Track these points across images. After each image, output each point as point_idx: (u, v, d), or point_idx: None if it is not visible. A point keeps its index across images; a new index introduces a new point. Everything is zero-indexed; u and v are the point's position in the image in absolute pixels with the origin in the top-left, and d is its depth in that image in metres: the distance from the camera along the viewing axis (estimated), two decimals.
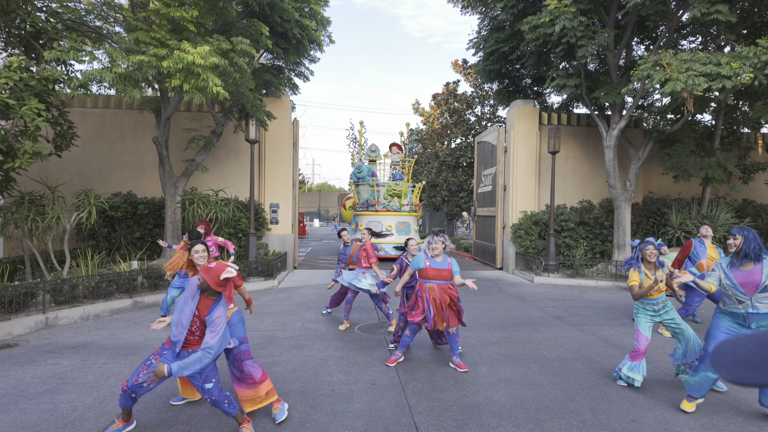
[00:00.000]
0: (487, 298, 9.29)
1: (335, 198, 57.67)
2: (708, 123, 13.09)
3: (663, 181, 14.26)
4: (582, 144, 13.89)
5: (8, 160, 7.23)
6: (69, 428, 3.65)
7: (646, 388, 4.62)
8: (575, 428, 3.75)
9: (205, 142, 10.89)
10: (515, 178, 13.46)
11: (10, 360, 5.26)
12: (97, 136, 12.29)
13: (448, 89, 23.93)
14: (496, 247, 14.10)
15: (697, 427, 3.80)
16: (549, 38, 10.79)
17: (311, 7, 10.29)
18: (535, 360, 5.47)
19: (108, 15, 9.09)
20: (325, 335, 6.43)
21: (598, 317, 7.74)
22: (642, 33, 12.55)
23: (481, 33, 13.93)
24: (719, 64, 8.87)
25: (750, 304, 3.77)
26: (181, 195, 10.58)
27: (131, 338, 6.18)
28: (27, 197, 8.39)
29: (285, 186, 13.08)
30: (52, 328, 6.68)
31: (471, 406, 4.15)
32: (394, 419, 3.87)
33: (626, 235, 11.93)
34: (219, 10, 8.66)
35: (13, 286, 6.62)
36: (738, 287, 3.80)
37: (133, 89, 7.69)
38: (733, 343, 1.01)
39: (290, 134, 13.16)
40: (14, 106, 6.89)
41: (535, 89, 14.85)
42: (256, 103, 10.03)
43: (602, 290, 10.48)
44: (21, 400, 4.16)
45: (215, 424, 3.73)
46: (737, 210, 13.38)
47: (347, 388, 4.53)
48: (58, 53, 7.29)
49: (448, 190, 23.88)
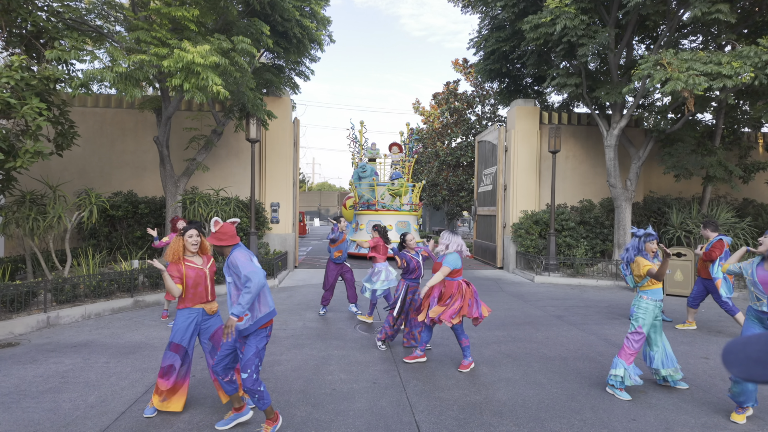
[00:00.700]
0: (488, 297, 9.30)
1: (335, 197, 57.67)
2: (708, 122, 13.09)
3: (663, 180, 14.26)
4: (582, 143, 13.89)
5: (9, 159, 7.23)
6: (71, 427, 3.66)
7: (646, 388, 4.62)
8: (576, 427, 3.76)
9: (206, 142, 10.89)
10: (516, 177, 13.46)
11: (12, 359, 5.27)
12: (98, 136, 12.30)
13: (449, 88, 23.92)
14: (496, 247, 14.11)
15: (697, 426, 3.81)
16: (550, 37, 10.79)
17: (312, 7, 10.29)
18: (535, 359, 5.48)
19: (108, 14, 9.09)
20: (326, 334, 6.44)
21: (598, 316, 7.74)
22: (643, 32, 12.54)
23: (481, 32, 13.92)
24: (720, 63, 8.86)
25: (766, 302, 3.80)
26: (182, 194, 10.59)
27: (132, 337, 6.19)
28: (28, 196, 8.40)
29: (285, 185, 13.09)
30: (53, 327, 6.70)
31: (472, 405, 4.16)
32: (396, 418, 3.88)
33: (626, 234, 11.93)
34: (220, 10, 8.66)
35: (14, 285, 6.63)
36: (758, 285, 3.83)
37: (134, 88, 7.69)
38: (744, 342, 1.05)
39: (291, 133, 13.16)
40: (15, 106, 6.90)
41: (535, 88, 14.84)
42: (256, 102, 10.04)
43: (603, 289, 10.49)
44: (23, 399, 4.17)
45: (216, 423, 3.74)
46: (738, 209, 13.38)
47: (348, 387, 4.54)
48: (59, 52, 7.29)
49: (448, 190, 23.88)
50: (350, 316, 7.52)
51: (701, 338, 6.51)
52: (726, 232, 11.39)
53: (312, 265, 14.33)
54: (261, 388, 3.45)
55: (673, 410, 4.11)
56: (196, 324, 3.89)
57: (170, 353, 3.84)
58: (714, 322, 7.39)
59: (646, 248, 4.55)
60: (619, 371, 4.36)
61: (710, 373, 5.05)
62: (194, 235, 3.93)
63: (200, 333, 3.96)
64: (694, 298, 7.02)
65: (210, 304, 3.97)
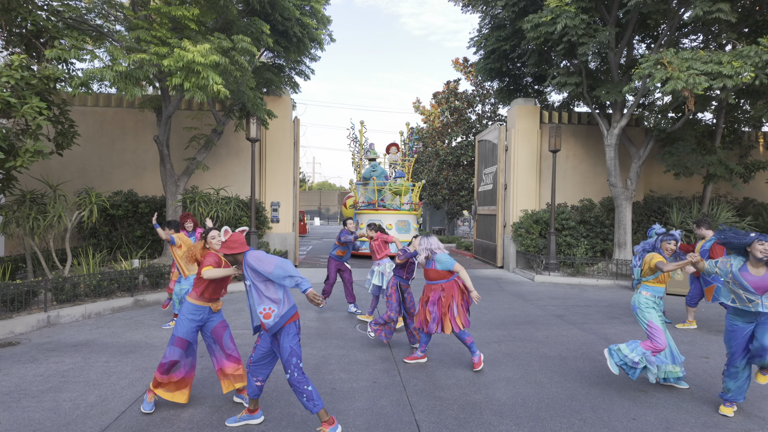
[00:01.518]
0: (488, 296, 9.30)
1: (336, 196, 57.65)
2: (709, 121, 13.07)
3: (664, 179, 14.24)
4: (583, 143, 13.89)
5: (10, 158, 7.23)
6: (72, 426, 3.66)
7: (646, 387, 4.62)
8: (576, 426, 3.76)
9: (206, 141, 10.89)
10: (516, 176, 13.46)
11: (13, 358, 5.27)
12: (98, 135, 12.29)
13: (449, 87, 23.90)
14: (496, 246, 14.11)
15: (698, 426, 3.81)
16: (550, 36, 10.77)
17: (312, 6, 10.28)
18: (536, 358, 5.48)
19: (109, 13, 9.09)
20: (326, 334, 6.44)
21: (598, 316, 7.74)
22: (643, 31, 12.52)
23: (481, 31, 13.91)
24: (720, 63, 8.85)
25: (761, 303, 3.79)
26: (182, 193, 10.59)
27: (133, 337, 6.20)
28: (28, 196, 8.40)
29: (286, 184, 13.09)
30: (53, 327, 6.70)
31: (472, 404, 4.16)
32: (396, 417, 3.88)
33: (627, 233, 11.93)
34: (220, 9, 8.65)
35: (15, 284, 6.63)
36: (748, 287, 3.81)
37: (134, 88, 7.69)
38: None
39: (291, 133, 13.16)
40: (15, 105, 6.89)
41: (535, 88, 14.83)
42: (256, 101, 10.03)
43: (603, 289, 10.49)
44: (23, 398, 4.17)
45: (217, 422, 3.75)
46: (738, 209, 13.37)
47: (348, 386, 4.54)
48: (59, 52, 7.29)
49: (448, 189, 23.87)
50: (350, 316, 7.53)
51: (701, 337, 6.51)
52: None
53: (312, 264, 14.33)
54: (309, 387, 3.43)
55: (674, 409, 4.11)
56: (201, 321, 4.01)
57: (174, 348, 3.89)
58: (714, 322, 7.39)
59: (662, 247, 4.54)
60: (634, 355, 4.22)
61: (711, 373, 5.04)
62: (217, 237, 4.10)
63: (202, 329, 4.07)
64: (692, 297, 7.01)
65: (217, 303, 4.10)
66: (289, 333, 3.50)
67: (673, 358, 4.49)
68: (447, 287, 4.96)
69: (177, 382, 3.97)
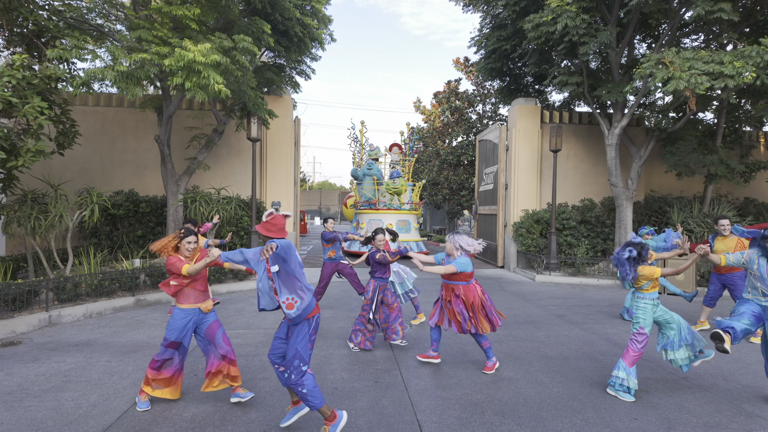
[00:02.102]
0: (489, 296, 9.28)
1: (336, 196, 57.66)
2: (710, 121, 13.07)
3: (665, 179, 14.24)
4: (583, 142, 13.88)
5: (11, 158, 7.24)
6: (74, 426, 3.67)
7: (648, 387, 4.62)
8: (578, 426, 3.76)
9: (207, 141, 10.89)
10: (517, 176, 13.46)
11: (14, 358, 5.28)
12: (99, 135, 12.30)
13: (450, 87, 23.88)
14: (497, 246, 14.11)
15: (699, 426, 3.81)
16: (551, 36, 10.76)
17: (312, 5, 10.28)
18: (537, 358, 5.48)
19: (110, 13, 9.09)
20: (327, 333, 6.44)
21: (599, 315, 7.74)
22: (644, 31, 12.51)
23: (482, 31, 13.90)
24: (722, 62, 8.84)
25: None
26: (183, 193, 10.59)
27: (134, 336, 6.20)
28: (30, 195, 8.41)
29: (286, 184, 13.09)
30: (55, 326, 6.71)
31: (474, 404, 4.16)
32: (397, 417, 3.88)
33: (627, 233, 11.91)
34: (221, 8, 8.65)
35: (16, 284, 6.64)
36: (766, 280, 3.89)
37: (135, 87, 7.69)
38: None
39: (291, 132, 13.16)
40: (17, 105, 6.90)
41: (536, 87, 14.81)
42: (257, 101, 10.03)
43: (604, 288, 10.49)
44: (26, 398, 4.18)
45: (219, 422, 3.75)
46: (739, 208, 13.36)
47: (350, 386, 4.55)
48: (61, 51, 7.29)
49: (449, 189, 23.86)
50: (351, 316, 7.51)
51: (706, 337, 6.49)
52: None
53: (313, 264, 14.33)
54: (304, 390, 3.40)
55: (675, 410, 4.11)
56: (192, 323, 4.07)
57: (166, 349, 4.00)
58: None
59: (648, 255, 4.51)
60: (621, 373, 4.33)
61: (712, 373, 5.04)
62: (192, 242, 4.08)
63: (196, 329, 4.12)
64: (712, 298, 6.74)
65: (206, 303, 4.12)
66: (301, 331, 3.47)
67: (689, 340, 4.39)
68: (465, 289, 4.92)
69: (167, 378, 4.05)
